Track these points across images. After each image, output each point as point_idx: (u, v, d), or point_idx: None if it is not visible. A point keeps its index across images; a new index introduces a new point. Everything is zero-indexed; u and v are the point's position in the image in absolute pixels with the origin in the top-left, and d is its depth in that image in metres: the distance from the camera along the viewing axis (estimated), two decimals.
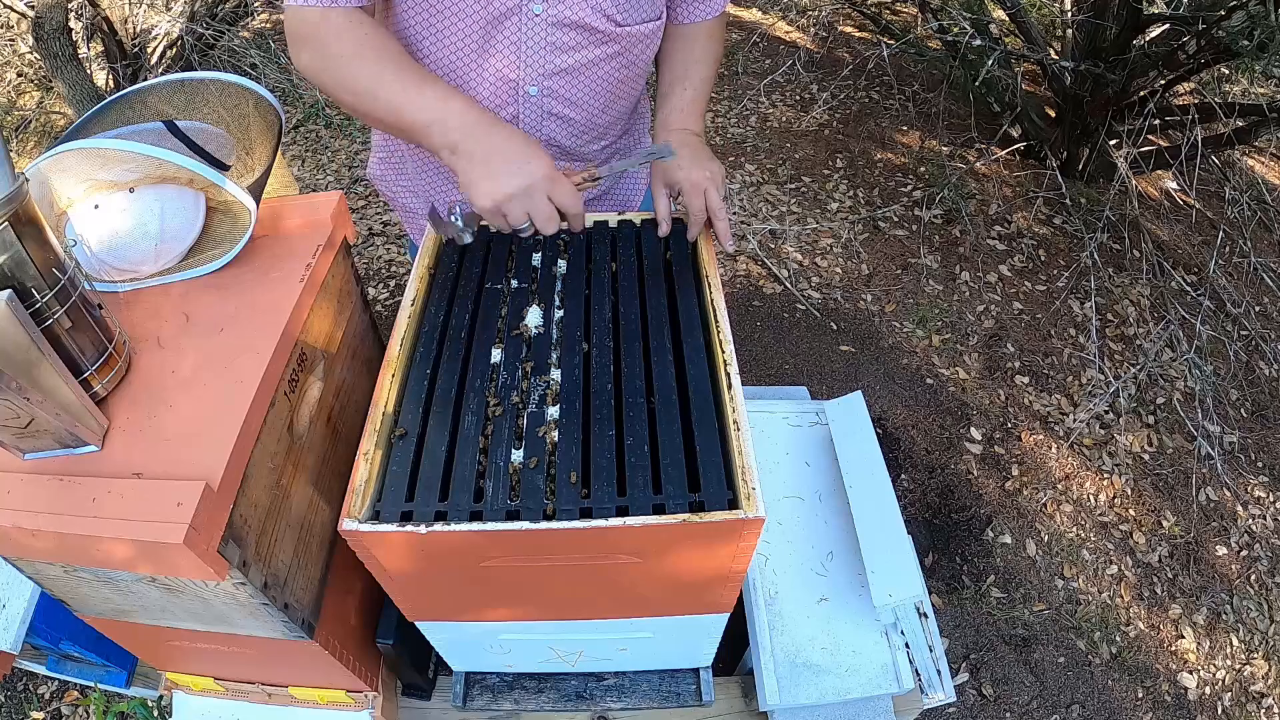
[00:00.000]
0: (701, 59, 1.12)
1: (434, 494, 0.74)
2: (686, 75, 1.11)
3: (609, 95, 1.11)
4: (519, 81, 1.04)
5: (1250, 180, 3.28)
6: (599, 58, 1.05)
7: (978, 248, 3.09)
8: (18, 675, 1.89)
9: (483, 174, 0.87)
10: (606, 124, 1.16)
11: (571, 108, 1.09)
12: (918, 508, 2.30)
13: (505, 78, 1.03)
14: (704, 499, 0.72)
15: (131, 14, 3.43)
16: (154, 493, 0.67)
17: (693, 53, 1.12)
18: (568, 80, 1.06)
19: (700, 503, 0.72)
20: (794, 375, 2.63)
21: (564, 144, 1.14)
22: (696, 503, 0.72)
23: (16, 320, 0.64)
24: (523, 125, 1.09)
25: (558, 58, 1.02)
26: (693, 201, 0.99)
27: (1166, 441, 2.49)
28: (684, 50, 1.12)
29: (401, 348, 0.87)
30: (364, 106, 0.94)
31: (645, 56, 1.11)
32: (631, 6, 1.02)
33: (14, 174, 0.65)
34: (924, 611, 1.09)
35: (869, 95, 3.92)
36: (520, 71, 1.03)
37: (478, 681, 1.09)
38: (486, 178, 0.87)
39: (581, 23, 1.00)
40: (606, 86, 1.09)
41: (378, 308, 2.83)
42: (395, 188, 1.30)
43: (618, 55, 1.06)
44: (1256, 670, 2.02)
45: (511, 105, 1.07)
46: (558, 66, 1.03)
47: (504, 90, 1.05)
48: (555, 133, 1.12)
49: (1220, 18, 2.42)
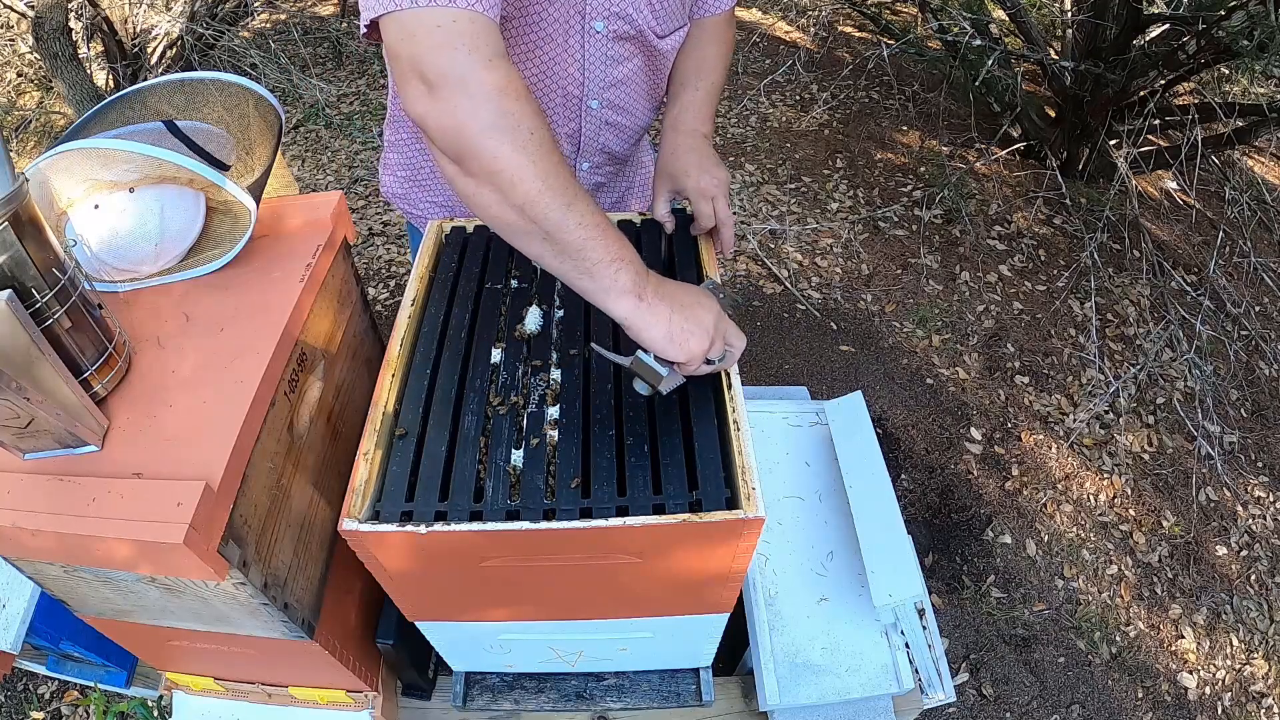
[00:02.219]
0: (712, 61, 1.13)
1: (434, 494, 0.74)
2: (699, 74, 1.11)
3: (649, 100, 1.15)
4: (582, 97, 1.07)
5: (1250, 180, 3.28)
6: (642, 67, 1.08)
7: (978, 248, 3.09)
8: (18, 675, 1.89)
9: (686, 319, 0.78)
10: (646, 126, 1.20)
11: (624, 115, 1.12)
12: (918, 508, 2.30)
13: (570, 94, 1.06)
14: (704, 499, 0.72)
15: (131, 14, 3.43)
16: (154, 493, 0.67)
17: (704, 54, 1.13)
18: (622, 91, 1.09)
19: (700, 502, 0.72)
20: (794, 375, 2.63)
21: (615, 150, 1.18)
22: (696, 502, 0.72)
23: (16, 320, 0.64)
24: (583, 138, 1.12)
25: (613, 70, 1.05)
26: (700, 207, 1.00)
27: (1166, 441, 2.49)
28: (696, 51, 1.13)
29: (401, 348, 0.87)
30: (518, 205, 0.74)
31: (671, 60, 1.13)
32: (668, 17, 1.04)
33: (14, 174, 0.65)
34: (924, 611, 1.09)
35: (869, 95, 3.92)
36: (583, 88, 1.05)
37: (478, 681, 1.09)
38: (692, 321, 0.79)
39: (633, 35, 1.02)
40: (646, 91, 1.12)
41: (378, 308, 2.83)
42: (421, 205, 1.29)
43: (654, 62, 1.09)
44: (1256, 670, 2.02)
45: (574, 120, 1.09)
46: (614, 79, 1.06)
47: (571, 107, 1.08)
48: (609, 141, 1.15)
49: (1220, 18, 2.42)
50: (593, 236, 0.74)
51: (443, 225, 1.04)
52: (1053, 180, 2.98)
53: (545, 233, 0.74)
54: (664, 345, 0.77)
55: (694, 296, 0.81)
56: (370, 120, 3.74)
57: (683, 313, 0.78)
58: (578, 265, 0.75)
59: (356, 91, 3.98)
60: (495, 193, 0.74)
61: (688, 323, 0.78)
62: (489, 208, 0.75)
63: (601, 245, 0.75)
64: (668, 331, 0.77)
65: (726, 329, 0.82)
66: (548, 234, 0.74)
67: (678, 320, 0.78)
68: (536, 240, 0.75)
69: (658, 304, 0.77)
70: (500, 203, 0.74)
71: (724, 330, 0.82)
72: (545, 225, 0.74)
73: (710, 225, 1.00)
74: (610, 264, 0.75)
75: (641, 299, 0.77)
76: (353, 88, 4.01)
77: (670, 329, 0.77)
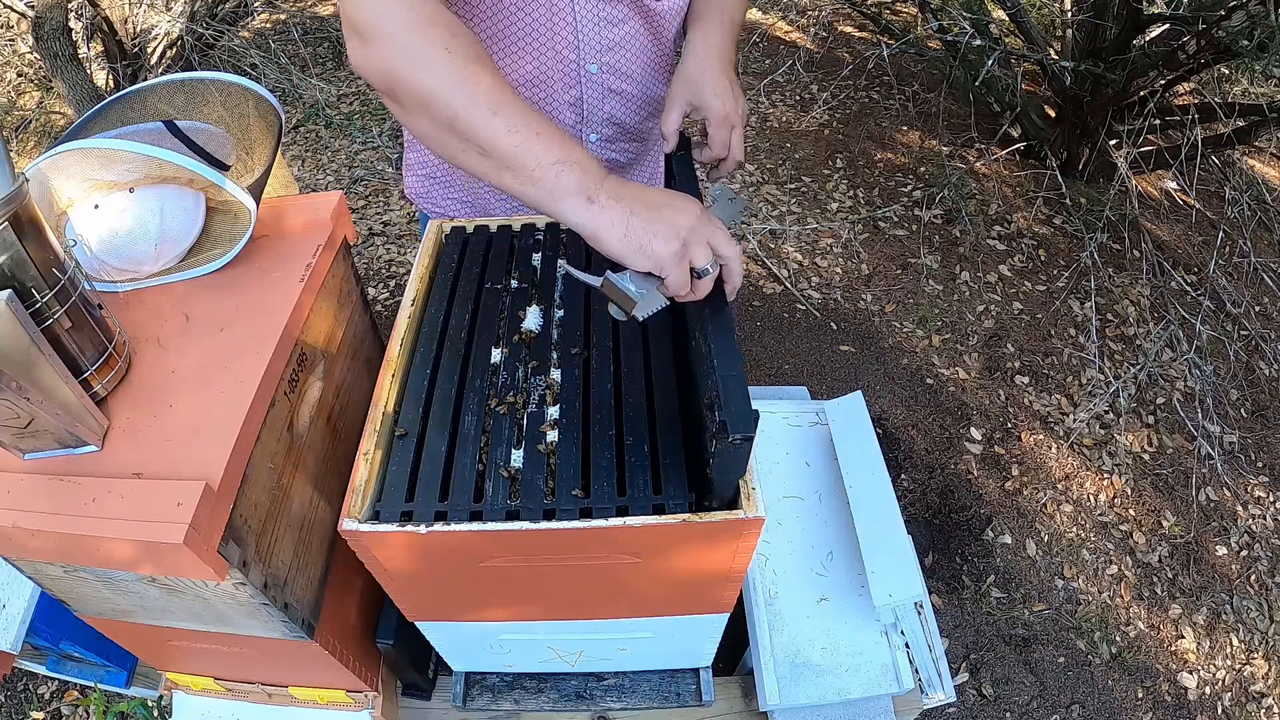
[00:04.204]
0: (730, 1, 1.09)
1: (434, 494, 0.74)
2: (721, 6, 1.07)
3: (654, 67, 1.12)
4: (579, 62, 1.04)
5: (1250, 180, 3.28)
6: (640, 30, 1.06)
7: (978, 248, 3.09)
8: (18, 675, 1.89)
9: (650, 219, 0.71)
10: (655, 97, 1.17)
11: (628, 82, 1.10)
12: (918, 508, 2.30)
13: (566, 58, 1.04)
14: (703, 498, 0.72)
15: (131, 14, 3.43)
16: (154, 493, 0.67)
17: None
18: (621, 55, 1.06)
19: (700, 502, 0.72)
20: (794, 375, 2.63)
21: (625, 121, 1.15)
22: (696, 502, 0.72)
23: (16, 320, 0.64)
24: (586, 106, 1.10)
25: (609, 32, 1.03)
26: (718, 133, 0.94)
27: (1166, 441, 2.49)
28: None
29: (401, 348, 0.87)
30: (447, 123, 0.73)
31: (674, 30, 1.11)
32: None
33: (14, 174, 0.65)
34: (924, 611, 1.09)
35: (869, 95, 3.92)
36: (579, 51, 1.03)
37: (478, 681, 1.09)
38: (658, 221, 0.71)
39: None
40: (649, 57, 1.10)
41: (378, 308, 2.83)
42: (444, 202, 1.29)
43: (654, 26, 1.07)
44: (1256, 670, 2.02)
45: (575, 87, 1.07)
46: (611, 41, 1.04)
47: (569, 72, 1.05)
48: (615, 109, 1.12)
49: (1220, 18, 2.42)
50: (526, 140, 0.70)
51: (442, 225, 1.04)
52: (1053, 180, 2.98)
53: (479, 146, 0.72)
54: (622, 249, 0.70)
55: (666, 198, 0.73)
56: (370, 120, 3.74)
57: (646, 213, 0.70)
58: (519, 176, 0.71)
59: (356, 91, 3.98)
60: (427, 117, 0.73)
61: (652, 224, 0.70)
62: (427, 137, 0.75)
63: (540, 148, 0.70)
64: (625, 233, 0.70)
65: (712, 234, 0.72)
66: (482, 147, 0.72)
67: (637, 222, 0.70)
68: (476, 157, 0.73)
69: (612, 204, 0.70)
70: (434, 126, 0.73)
71: (707, 235, 0.71)
72: (477, 137, 0.71)
73: (724, 155, 0.95)
74: (551, 166, 0.70)
75: (592, 200, 0.70)
76: (353, 88, 4.01)
77: (628, 230, 0.70)
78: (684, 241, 0.70)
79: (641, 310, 0.72)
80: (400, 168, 3.36)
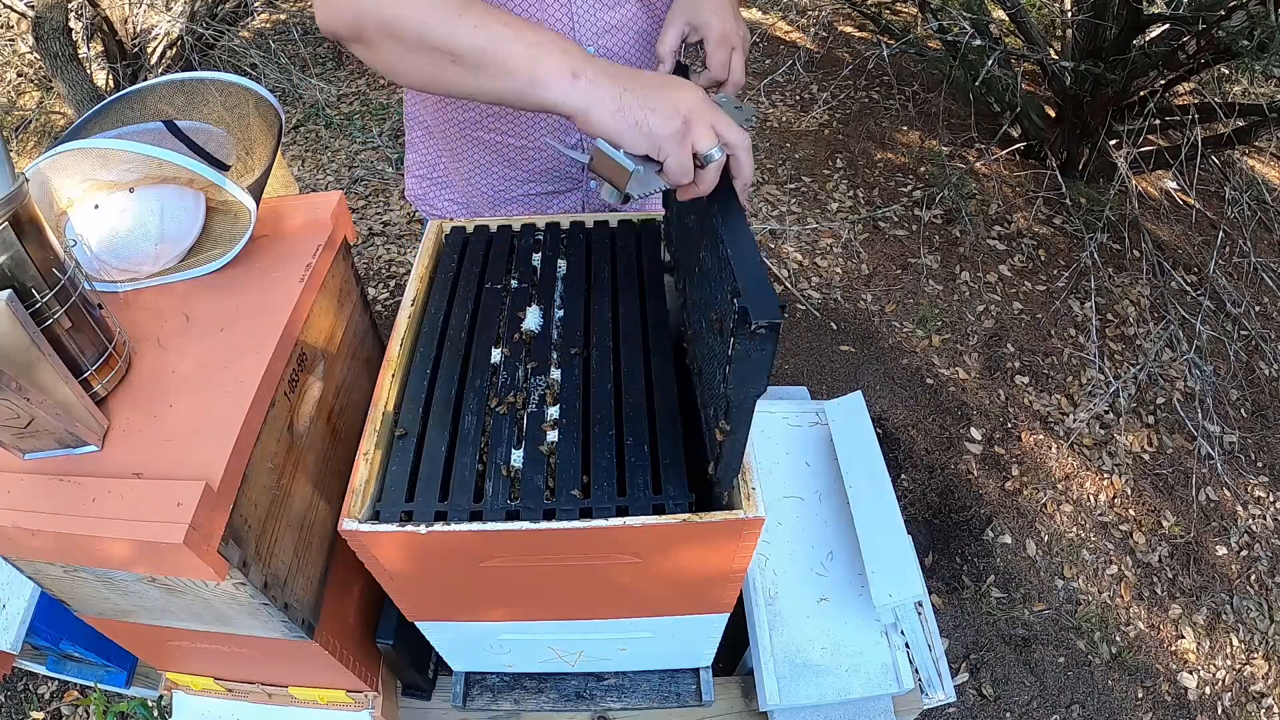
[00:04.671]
0: None
1: (434, 494, 0.74)
2: None
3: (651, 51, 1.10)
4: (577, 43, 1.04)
5: (1250, 180, 3.28)
6: (637, 13, 1.06)
7: (978, 248, 3.09)
8: (18, 675, 1.89)
9: (646, 95, 0.65)
10: None
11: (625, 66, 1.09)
12: (918, 508, 2.30)
13: None
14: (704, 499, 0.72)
15: (131, 14, 3.43)
16: (154, 493, 0.67)
17: None
18: (617, 38, 1.06)
19: (700, 502, 0.72)
20: (794, 375, 2.63)
21: None
22: (696, 502, 0.72)
23: (16, 320, 0.64)
24: None
25: (604, 15, 1.03)
26: (718, 55, 0.90)
27: (1166, 441, 2.49)
28: None
29: (401, 348, 0.87)
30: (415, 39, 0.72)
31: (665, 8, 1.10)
32: None
33: (14, 174, 0.65)
34: (923, 611, 1.09)
35: (869, 95, 3.92)
36: (575, 34, 1.03)
37: (478, 681, 1.09)
38: (654, 99, 0.65)
39: None
40: (647, 42, 1.10)
41: (378, 308, 2.83)
42: (440, 205, 1.29)
43: (651, 11, 1.07)
44: (1256, 670, 2.02)
45: None
46: (606, 24, 1.03)
47: None
48: None
49: (1220, 18, 2.42)
50: (495, 34, 0.67)
51: (442, 225, 1.04)
52: (1053, 180, 2.98)
53: (451, 54, 0.69)
54: (615, 124, 0.65)
55: (664, 79, 0.69)
56: (370, 120, 3.74)
57: (642, 90, 0.65)
58: (494, 72, 0.67)
59: (356, 91, 3.99)
60: (394, 42, 0.73)
61: (648, 99, 0.64)
62: (399, 64, 0.74)
63: (511, 38, 0.67)
64: (618, 108, 0.64)
65: (717, 118, 0.66)
66: (453, 54, 0.69)
67: (632, 98, 0.65)
68: (450, 68, 0.70)
69: (601, 79, 0.66)
70: (402, 50, 0.72)
71: (711, 119, 0.66)
72: (446, 45, 0.69)
73: (724, 78, 0.90)
74: (525, 51, 0.66)
75: (578, 76, 0.65)
76: (353, 88, 4.01)
77: (622, 105, 0.64)
78: (685, 120, 0.65)
79: (636, 186, 0.66)
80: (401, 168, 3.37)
